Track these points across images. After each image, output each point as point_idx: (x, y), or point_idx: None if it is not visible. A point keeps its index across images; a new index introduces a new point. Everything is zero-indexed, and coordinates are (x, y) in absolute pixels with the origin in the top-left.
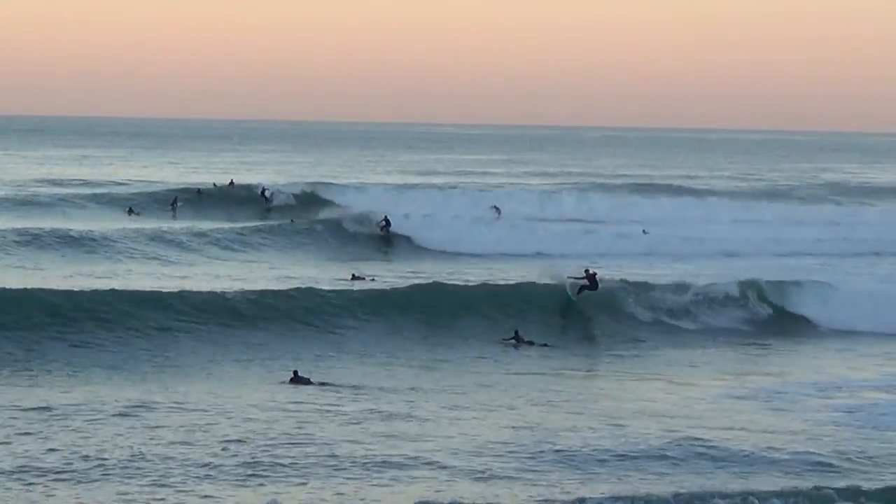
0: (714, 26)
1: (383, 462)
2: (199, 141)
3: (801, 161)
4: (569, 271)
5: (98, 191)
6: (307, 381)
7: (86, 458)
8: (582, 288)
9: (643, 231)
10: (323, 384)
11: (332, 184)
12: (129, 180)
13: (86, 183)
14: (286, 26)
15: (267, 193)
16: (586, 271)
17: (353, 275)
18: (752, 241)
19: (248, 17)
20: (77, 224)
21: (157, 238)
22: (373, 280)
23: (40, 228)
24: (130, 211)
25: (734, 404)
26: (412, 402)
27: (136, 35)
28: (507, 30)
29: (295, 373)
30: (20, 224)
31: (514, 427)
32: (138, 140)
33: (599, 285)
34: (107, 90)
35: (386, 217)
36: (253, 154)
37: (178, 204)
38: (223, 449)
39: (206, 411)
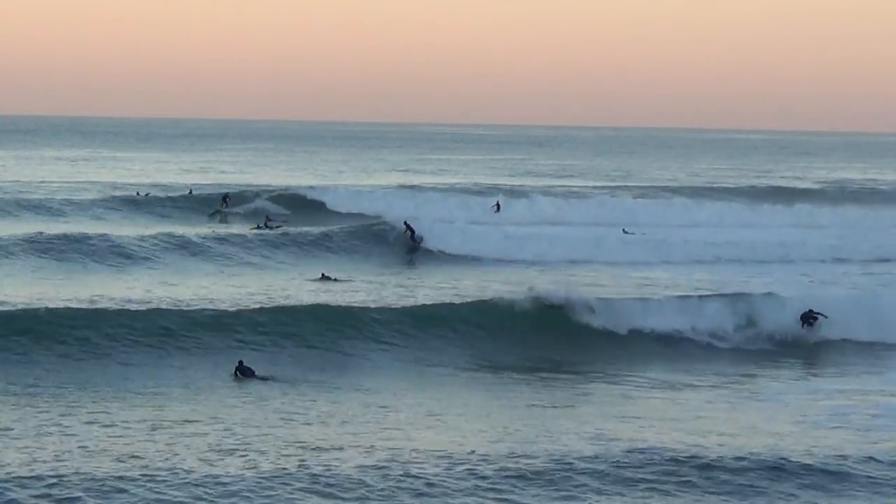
0: (714, 26)
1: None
2: (201, 141)
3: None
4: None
5: (107, 193)
6: (252, 374)
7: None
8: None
9: (623, 230)
10: (265, 378)
11: (325, 186)
12: (130, 182)
13: (91, 184)
14: (285, 26)
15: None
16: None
17: (322, 274)
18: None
19: (247, 17)
20: (84, 228)
21: (167, 243)
22: (336, 280)
23: (45, 232)
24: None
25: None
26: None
27: (135, 35)
28: (506, 29)
29: (240, 363)
30: (23, 228)
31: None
32: (138, 141)
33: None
34: (107, 90)
35: (406, 222)
36: (253, 154)
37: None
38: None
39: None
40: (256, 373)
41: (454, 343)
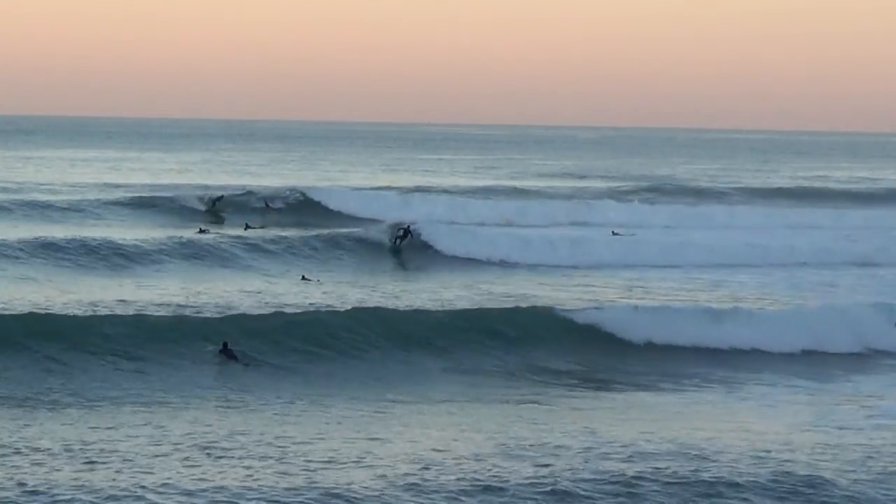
0: (714, 26)
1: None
2: (201, 141)
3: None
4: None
5: (110, 194)
6: (234, 357)
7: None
8: None
9: (612, 232)
10: (247, 364)
11: (323, 187)
12: (132, 183)
13: (96, 185)
14: (285, 26)
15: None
16: None
17: (303, 276)
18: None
19: (247, 17)
20: (87, 230)
21: (165, 245)
22: (318, 282)
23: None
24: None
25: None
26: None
27: (135, 34)
28: (506, 29)
29: (224, 344)
30: (26, 231)
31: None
32: (141, 141)
33: None
34: (107, 90)
35: (409, 226)
36: (253, 154)
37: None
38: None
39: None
40: (239, 358)
41: (453, 349)
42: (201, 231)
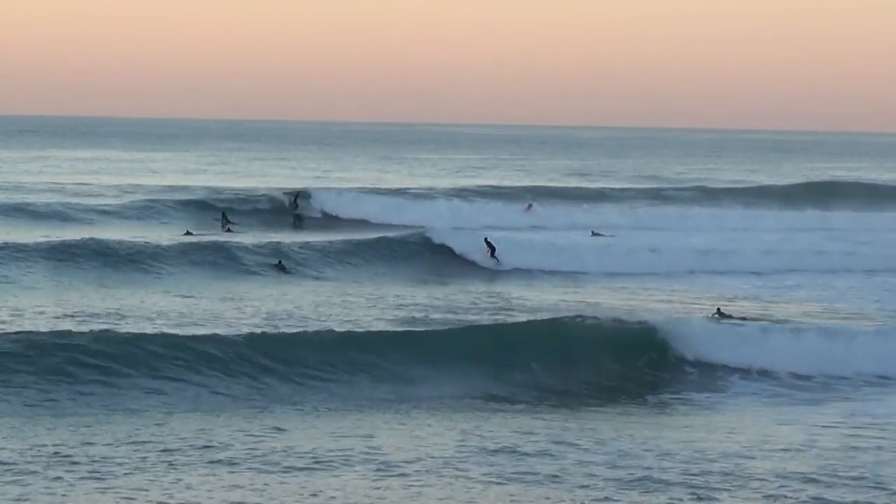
0: (713, 25)
1: None
2: (202, 141)
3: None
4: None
5: (120, 196)
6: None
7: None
8: None
9: (592, 232)
10: (289, 271)
11: (325, 189)
12: (136, 184)
13: (103, 187)
14: (286, 26)
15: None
16: None
17: (280, 262)
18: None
19: (247, 17)
20: (105, 235)
21: (173, 250)
22: (289, 272)
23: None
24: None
25: None
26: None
27: (135, 34)
28: (507, 29)
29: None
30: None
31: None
32: (141, 141)
33: None
34: (107, 90)
35: (486, 238)
36: (255, 154)
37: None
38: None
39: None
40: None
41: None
42: (188, 233)
